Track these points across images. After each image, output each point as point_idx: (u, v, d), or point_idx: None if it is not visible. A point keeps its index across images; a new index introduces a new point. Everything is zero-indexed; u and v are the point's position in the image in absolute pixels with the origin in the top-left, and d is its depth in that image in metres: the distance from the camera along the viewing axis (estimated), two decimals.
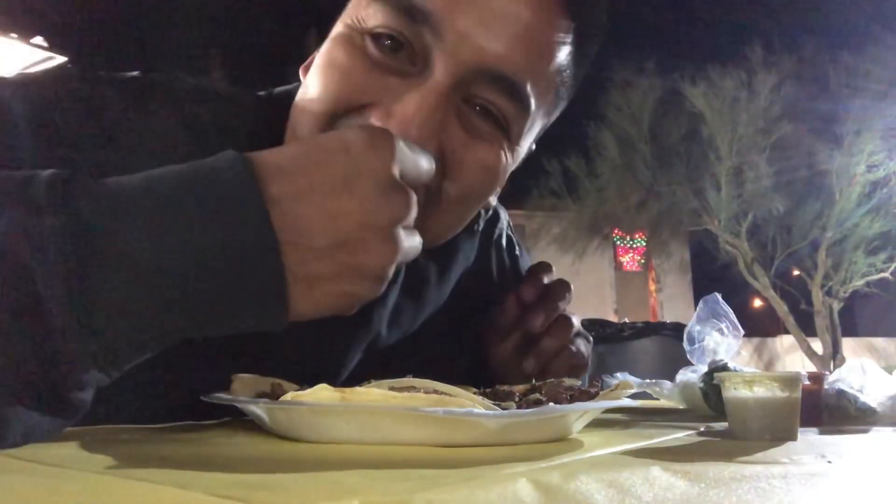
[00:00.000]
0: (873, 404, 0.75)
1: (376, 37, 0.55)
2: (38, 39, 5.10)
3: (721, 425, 0.66)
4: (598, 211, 14.07)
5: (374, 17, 0.55)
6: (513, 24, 0.54)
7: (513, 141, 0.60)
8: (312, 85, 0.58)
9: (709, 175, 12.76)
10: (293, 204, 0.42)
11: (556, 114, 0.66)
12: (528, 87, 0.57)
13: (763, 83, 12.45)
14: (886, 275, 12.73)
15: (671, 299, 16.85)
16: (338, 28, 0.59)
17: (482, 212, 0.78)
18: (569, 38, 0.59)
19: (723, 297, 0.88)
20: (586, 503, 0.31)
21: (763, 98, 12.43)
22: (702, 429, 0.65)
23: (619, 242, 17.01)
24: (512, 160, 0.62)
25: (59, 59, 5.16)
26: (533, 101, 0.58)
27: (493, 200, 0.74)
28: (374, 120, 0.54)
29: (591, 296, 15.87)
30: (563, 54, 0.59)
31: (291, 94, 0.64)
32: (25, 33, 5.06)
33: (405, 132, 0.52)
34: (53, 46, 5.14)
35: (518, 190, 15.87)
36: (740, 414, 0.59)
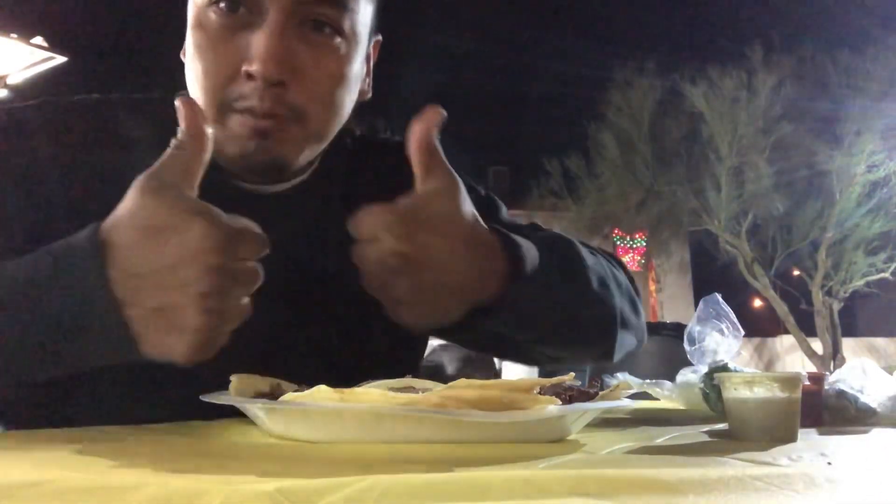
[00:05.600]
0: (874, 405, 0.75)
1: (216, 5, 0.66)
2: (38, 39, 5.10)
3: (721, 425, 0.66)
4: (598, 211, 14.07)
5: None
6: None
7: (348, 36, 0.70)
8: (191, 72, 0.69)
9: (709, 175, 12.76)
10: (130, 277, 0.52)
11: None
12: None
13: (763, 83, 12.45)
14: (886, 275, 12.74)
15: (671, 299, 16.85)
16: (189, 12, 0.69)
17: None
18: None
19: (723, 297, 0.88)
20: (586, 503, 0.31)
21: (763, 98, 12.43)
22: (702, 429, 0.65)
23: (619, 242, 17.01)
24: (355, 52, 0.72)
25: (60, 59, 5.16)
26: None
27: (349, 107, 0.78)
28: (246, 71, 0.65)
29: None
30: None
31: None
32: (25, 33, 5.06)
33: (268, 72, 0.64)
34: (53, 46, 5.14)
35: (518, 190, 15.90)
36: (740, 414, 0.59)
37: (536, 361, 0.89)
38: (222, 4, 0.66)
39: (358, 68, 0.74)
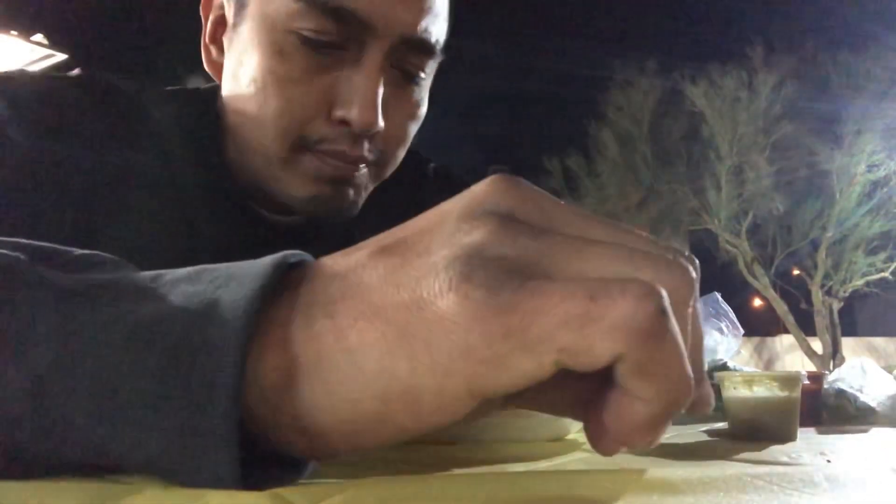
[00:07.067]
0: (873, 404, 0.75)
1: (307, 38, 0.57)
2: (38, 37, 5.10)
3: (721, 425, 0.66)
4: (598, 210, 14.07)
5: (303, 21, 0.57)
6: None
7: (428, 80, 0.66)
8: (262, 100, 0.59)
9: (709, 175, 12.78)
10: None
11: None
12: (435, 37, 0.62)
13: (763, 83, 12.47)
14: (886, 275, 12.75)
15: None
16: (254, 27, 0.59)
17: None
18: None
19: (722, 297, 0.88)
20: (585, 503, 0.31)
21: (763, 98, 12.45)
22: (702, 429, 0.65)
23: None
24: (426, 93, 0.67)
25: (59, 57, 5.16)
26: (441, 44, 0.64)
27: None
28: (341, 117, 0.58)
29: None
30: None
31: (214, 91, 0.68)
32: (25, 31, 5.06)
33: (368, 123, 0.58)
34: (53, 44, 5.14)
35: None
36: (740, 414, 0.59)
37: None
38: (309, 34, 0.57)
39: None
